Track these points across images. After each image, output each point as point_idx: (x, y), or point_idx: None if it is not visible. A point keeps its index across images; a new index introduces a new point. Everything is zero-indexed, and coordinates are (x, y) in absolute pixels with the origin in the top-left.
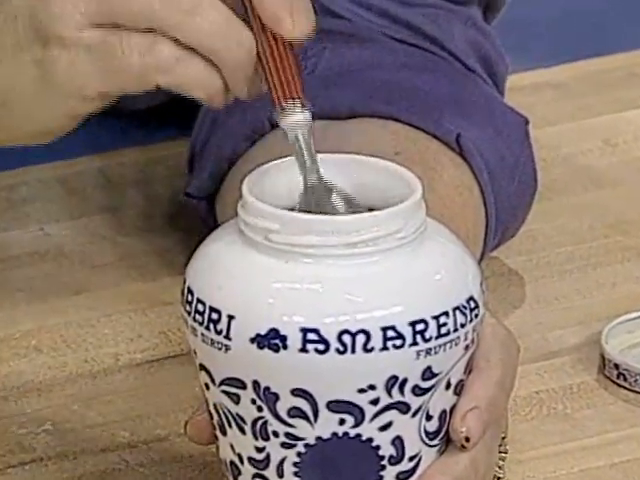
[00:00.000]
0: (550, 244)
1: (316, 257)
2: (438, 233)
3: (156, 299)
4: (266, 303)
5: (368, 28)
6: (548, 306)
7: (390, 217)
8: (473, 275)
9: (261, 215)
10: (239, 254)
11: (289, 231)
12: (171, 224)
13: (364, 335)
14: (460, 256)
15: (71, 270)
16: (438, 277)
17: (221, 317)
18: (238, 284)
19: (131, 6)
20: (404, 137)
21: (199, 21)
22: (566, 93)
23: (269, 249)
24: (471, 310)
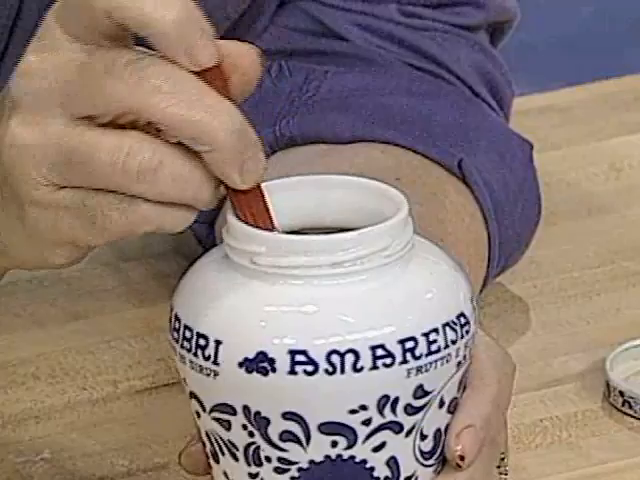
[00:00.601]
0: (554, 270)
1: (303, 278)
2: (427, 251)
3: (156, 325)
4: (253, 326)
5: (372, 51)
6: (552, 332)
7: (376, 235)
8: (463, 292)
9: (246, 238)
10: (225, 278)
11: (274, 253)
12: (171, 250)
13: (353, 355)
14: (449, 273)
15: (70, 296)
16: (427, 294)
17: (209, 342)
18: (225, 309)
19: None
20: (405, 162)
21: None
22: (571, 117)
23: (255, 272)
24: (462, 326)
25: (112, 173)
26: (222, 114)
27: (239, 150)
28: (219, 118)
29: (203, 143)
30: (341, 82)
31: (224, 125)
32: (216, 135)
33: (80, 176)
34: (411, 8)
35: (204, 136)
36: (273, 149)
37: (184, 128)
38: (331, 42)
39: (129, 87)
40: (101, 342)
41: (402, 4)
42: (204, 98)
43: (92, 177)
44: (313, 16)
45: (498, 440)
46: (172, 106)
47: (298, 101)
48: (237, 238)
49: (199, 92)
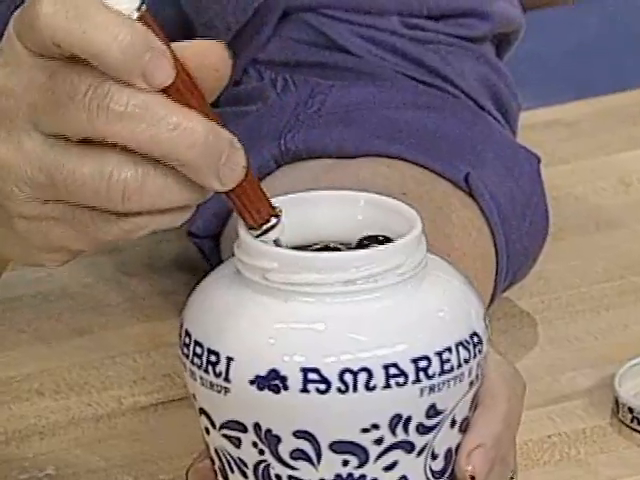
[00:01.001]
0: (562, 285)
1: (315, 295)
2: (440, 269)
3: (161, 341)
4: (265, 344)
5: (377, 65)
6: (560, 348)
7: (390, 253)
8: (476, 310)
9: (258, 254)
10: (237, 294)
11: (287, 269)
12: (177, 265)
13: (366, 373)
14: (462, 291)
15: (74, 311)
16: (440, 313)
17: (220, 359)
18: (236, 325)
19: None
20: (411, 177)
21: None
22: (579, 130)
23: (267, 288)
24: (474, 345)
25: (97, 198)
26: (188, 130)
27: (211, 161)
28: (185, 135)
29: (173, 160)
30: (346, 96)
31: (191, 141)
32: (184, 152)
33: (66, 196)
34: (414, 20)
35: (172, 154)
36: (278, 163)
37: (151, 149)
38: (335, 55)
39: (91, 114)
40: (106, 358)
41: (404, 16)
42: (168, 116)
43: (78, 199)
44: (316, 28)
45: (508, 459)
46: (136, 130)
47: (303, 115)
48: (249, 254)
49: (163, 111)
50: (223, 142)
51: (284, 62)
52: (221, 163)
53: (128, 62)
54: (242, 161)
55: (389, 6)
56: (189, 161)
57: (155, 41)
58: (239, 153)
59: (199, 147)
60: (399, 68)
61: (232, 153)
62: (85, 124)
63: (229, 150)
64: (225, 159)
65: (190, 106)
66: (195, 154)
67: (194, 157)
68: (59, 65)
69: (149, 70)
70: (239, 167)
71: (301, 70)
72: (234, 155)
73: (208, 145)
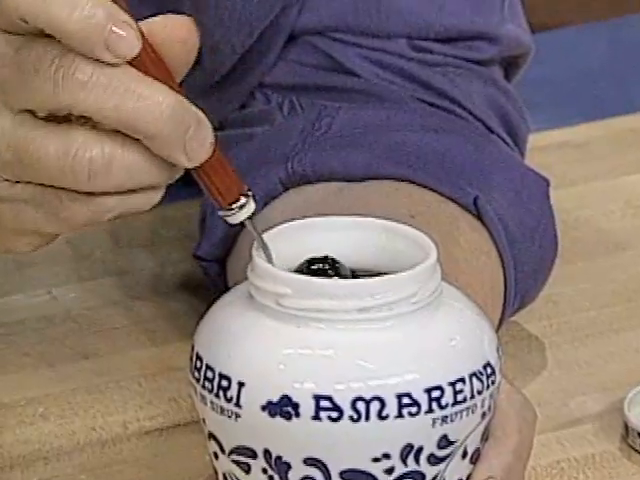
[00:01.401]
0: (571, 309)
1: (328, 322)
2: (453, 297)
3: (166, 364)
4: (277, 369)
5: (384, 86)
6: (569, 372)
7: (404, 281)
8: (489, 340)
9: (272, 279)
10: (249, 319)
11: (301, 295)
12: (183, 288)
13: (379, 402)
14: (476, 321)
15: (79, 335)
16: (454, 343)
17: (231, 384)
18: (248, 350)
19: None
20: (419, 200)
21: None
22: (588, 153)
23: (280, 314)
24: (488, 376)
25: (63, 177)
26: (154, 101)
27: (178, 133)
28: (151, 106)
29: (139, 132)
30: (354, 118)
31: (157, 112)
32: (150, 123)
33: (32, 175)
34: (422, 43)
35: (138, 125)
36: (285, 186)
37: (117, 120)
38: (342, 77)
39: (56, 84)
40: (111, 382)
41: (412, 39)
42: (134, 87)
43: (44, 177)
44: (323, 51)
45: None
46: (101, 99)
47: (310, 138)
48: (263, 278)
49: (128, 81)
50: (190, 115)
51: (291, 85)
52: (188, 137)
53: (90, 33)
54: (210, 137)
55: (397, 29)
56: (155, 133)
57: (119, 12)
58: (207, 129)
59: (165, 119)
60: (407, 91)
61: (199, 128)
62: (50, 94)
63: (196, 124)
64: (192, 133)
65: (157, 80)
66: (161, 126)
67: (160, 129)
68: (26, 39)
69: (112, 41)
70: (207, 142)
71: (308, 93)
72: (201, 130)
73: (174, 117)
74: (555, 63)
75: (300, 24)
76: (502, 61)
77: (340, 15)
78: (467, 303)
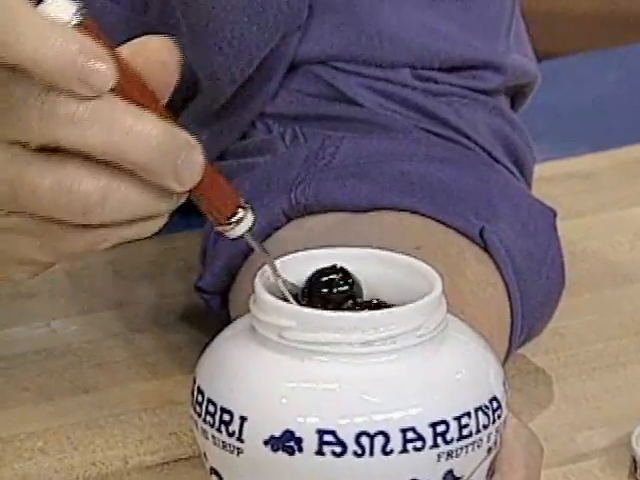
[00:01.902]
0: (578, 342)
1: (332, 355)
2: (459, 330)
3: (167, 398)
4: (280, 403)
5: (388, 116)
6: (576, 406)
7: (409, 314)
8: (495, 374)
9: (275, 311)
10: (252, 352)
11: (304, 328)
12: (184, 320)
13: (383, 437)
14: (482, 354)
15: (79, 368)
16: (459, 376)
17: (233, 418)
18: (251, 384)
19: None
20: (425, 231)
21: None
22: (595, 183)
23: (283, 347)
24: (494, 411)
25: (58, 210)
26: (141, 131)
27: (168, 162)
28: (139, 137)
29: (128, 164)
30: (358, 148)
31: (145, 143)
32: (139, 154)
33: (27, 207)
34: (426, 72)
35: (127, 157)
36: (289, 217)
37: (106, 153)
38: (345, 107)
39: (42, 119)
40: (110, 416)
41: (416, 68)
42: (120, 118)
43: (39, 211)
44: (325, 80)
45: None
46: (88, 134)
47: (314, 168)
48: (265, 311)
49: (114, 113)
50: (179, 142)
51: (293, 115)
52: (179, 162)
53: (63, 69)
54: (199, 159)
55: (400, 58)
56: (145, 163)
57: (91, 45)
58: (196, 151)
59: (154, 148)
60: (411, 120)
61: (189, 151)
62: (37, 129)
63: (186, 149)
64: (183, 158)
65: (142, 106)
66: (150, 156)
67: (149, 159)
68: (13, 73)
69: (86, 75)
70: (197, 166)
71: (310, 123)
72: (191, 153)
73: (163, 146)
74: (561, 92)
75: (301, 53)
76: (508, 90)
77: (343, 44)
78: (473, 336)
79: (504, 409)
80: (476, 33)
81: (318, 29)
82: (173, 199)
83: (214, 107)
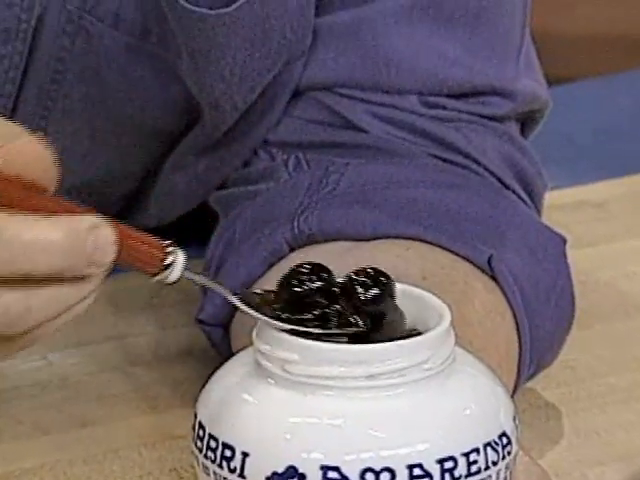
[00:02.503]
0: (590, 375)
1: (337, 389)
2: (467, 364)
3: (167, 433)
4: (283, 439)
5: (394, 142)
6: (588, 441)
7: (416, 347)
8: (505, 409)
9: (278, 344)
10: (254, 386)
11: (308, 361)
12: (185, 353)
13: (389, 474)
14: (491, 388)
15: (76, 402)
16: (467, 411)
17: (235, 454)
18: (253, 418)
19: None
20: (431, 259)
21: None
22: (607, 212)
23: (286, 381)
24: (503, 447)
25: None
26: (40, 242)
27: (76, 256)
28: (39, 248)
29: (39, 274)
30: (363, 174)
31: (48, 252)
32: (46, 264)
33: None
34: (433, 99)
35: (36, 270)
36: (291, 246)
37: (13, 273)
38: (350, 133)
39: None
40: (109, 451)
41: (424, 95)
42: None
43: None
44: (329, 107)
45: None
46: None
47: (317, 195)
48: (268, 343)
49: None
50: (82, 232)
51: (296, 143)
52: (89, 252)
53: None
54: (108, 236)
55: (407, 85)
56: (55, 270)
57: None
58: (103, 230)
59: (59, 253)
60: (419, 147)
61: (96, 235)
62: None
63: (92, 234)
64: (93, 245)
65: (34, 209)
66: (58, 261)
67: (58, 264)
68: None
69: None
70: (108, 245)
71: (314, 150)
72: (98, 236)
73: (68, 246)
74: (573, 117)
75: (305, 79)
76: (518, 116)
77: (347, 70)
78: (482, 369)
79: (514, 445)
80: (485, 58)
81: (322, 55)
82: (96, 278)
83: (215, 135)
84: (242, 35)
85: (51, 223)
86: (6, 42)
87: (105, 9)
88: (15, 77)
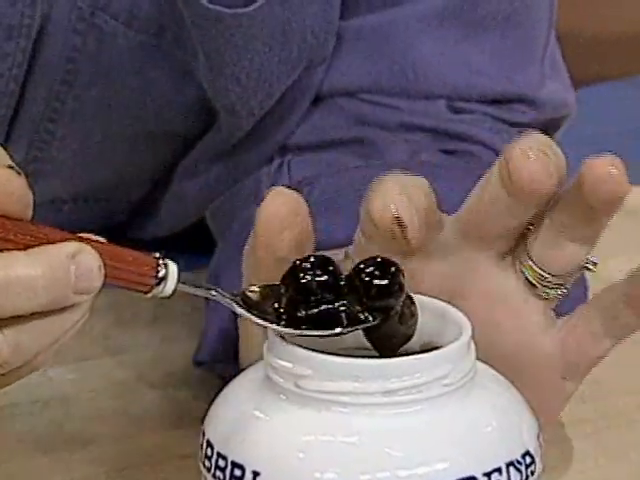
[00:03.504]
0: (618, 390)
1: (352, 406)
2: (488, 379)
3: (173, 452)
4: (296, 458)
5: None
6: (616, 461)
7: (435, 361)
8: (528, 426)
9: (290, 359)
10: (265, 402)
11: (322, 376)
12: (191, 367)
13: None
14: (513, 405)
15: (77, 419)
16: (489, 429)
17: (245, 473)
18: (264, 436)
19: None
20: None
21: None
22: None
23: (299, 397)
24: (527, 466)
25: None
26: (23, 280)
27: (60, 289)
28: (21, 287)
29: (26, 312)
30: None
31: (30, 290)
32: (30, 303)
33: None
34: (462, 104)
35: (21, 309)
36: None
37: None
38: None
39: None
40: (112, 471)
41: (452, 100)
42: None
43: None
44: (351, 113)
45: None
46: None
47: None
48: (280, 358)
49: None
50: (66, 263)
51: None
52: (74, 281)
53: None
54: (94, 262)
55: (435, 91)
56: (41, 306)
57: None
58: (87, 257)
59: (42, 289)
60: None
61: (80, 262)
62: None
63: (76, 261)
64: (77, 274)
65: (15, 242)
66: (42, 297)
67: (43, 299)
68: None
69: None
70: (93, 271)
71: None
72: (82, 262)
73: (51, 279)
74: (601, 119)
75: (328, 85)
76: (541, 124)
77: (373, 76)
78: (504, 384)
79: (538, 464)
80: (512, 64)
81: (346, 59)
82: (85, 303)
83: (231, 141)
84: (260, 37)
85: (30, 258)
86: (9, 39)
87: (118, 6)
88: (18, 75)
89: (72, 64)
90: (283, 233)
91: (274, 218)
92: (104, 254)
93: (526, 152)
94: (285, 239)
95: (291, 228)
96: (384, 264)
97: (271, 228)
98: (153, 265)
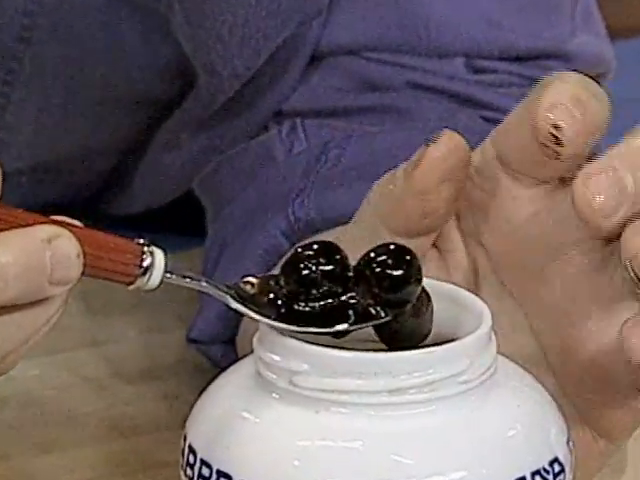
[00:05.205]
0: None
1: (354, 406)
2: (512, 375)
3: (150, 459)
4: (290, 465)
5: (424, 104)
6: None
7: (451, 355)
8: (557, 430)
9: (284, 352)
10: (255, 402)
11: (320, 373)
12: (172, 363)
13: None
14: (540, 405)
15: (42, 422)
16: (512, 433)
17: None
18: (254, 442)
19: None
20: None
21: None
22: None
23: (294, 395)
24: (555, 475)
25: None
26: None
27: (36, 279)
28: None
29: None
30: (368, 147)
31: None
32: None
33: None
34: (482, 62)
35: None
36: (290, 239)
37: None
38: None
39: None
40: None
41: (471, 57)
42: None
43: None
44: (355, 73)
45: None
46: None
47: (314, 175)
48: (273, 351)
49: None
50: (41, 249)
51: (312, 111)
52: (50, 270)
53: None
54: (72, 248)
55: (451, 48)
56: (13, 298)
57: None
58: (65, 243)
59: (15, 278)
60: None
61: (57, 251)
62: None
63: (52, 252)
64: (53, 262)
65: None
66: (15, 287)
67: (16, 289)
68: None
69: None
70: (72, 259)
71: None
72: (60, 251)
73: (25, 267)
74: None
75: (326, 42)
76: None
77: (379, 31)
78: (529, 382)
79: (568, 473)
80: (534, 18)
81: (347, 13)
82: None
83: (213, 107)
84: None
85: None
86: None
87: None
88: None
89: (29, 18)
90: (442, 185)
91: (441, 164)
92: (82, 240)
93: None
94: (443, 192)
95: (451, 182)
96: (398, 252)
97: (431, 175)
98: (137, 253)
